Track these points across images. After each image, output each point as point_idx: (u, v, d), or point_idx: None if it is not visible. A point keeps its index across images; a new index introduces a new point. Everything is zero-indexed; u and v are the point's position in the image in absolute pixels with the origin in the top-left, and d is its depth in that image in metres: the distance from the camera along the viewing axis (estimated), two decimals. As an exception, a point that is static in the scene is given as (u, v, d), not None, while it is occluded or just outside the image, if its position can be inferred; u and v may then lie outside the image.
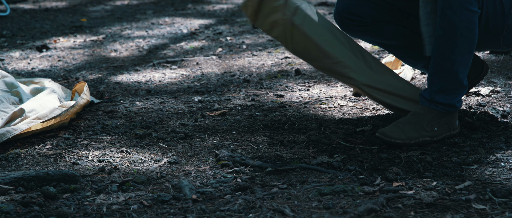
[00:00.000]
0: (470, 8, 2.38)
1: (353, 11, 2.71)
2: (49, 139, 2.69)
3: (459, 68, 2.45)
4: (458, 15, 2.38)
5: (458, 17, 2.39)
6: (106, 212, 1.99)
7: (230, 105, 3.12)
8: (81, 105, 2.90)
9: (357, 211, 1.92)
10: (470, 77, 2.82)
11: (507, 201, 1.97)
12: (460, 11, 2.38)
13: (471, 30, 2.41)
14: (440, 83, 2.47)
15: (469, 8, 2.38)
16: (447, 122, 2.51)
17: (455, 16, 2.39)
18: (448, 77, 2.46)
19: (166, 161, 2.42)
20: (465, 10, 2.38)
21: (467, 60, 2.45)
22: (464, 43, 2.41)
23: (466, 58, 2.45)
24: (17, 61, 4.27)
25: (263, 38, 4.71)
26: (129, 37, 4.96)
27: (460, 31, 2.40)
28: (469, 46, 2.43)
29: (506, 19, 2.48)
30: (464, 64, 2.45)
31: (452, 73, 2.45)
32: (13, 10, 6.33)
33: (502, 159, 2.33)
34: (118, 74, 3.84)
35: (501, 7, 2.46)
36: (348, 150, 2.48)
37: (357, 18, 2.72)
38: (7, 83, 3.08)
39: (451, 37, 2.41)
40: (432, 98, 2.49)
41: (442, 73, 2.46)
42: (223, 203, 2.05)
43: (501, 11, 2.46)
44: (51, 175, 2.21)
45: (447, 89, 2.48)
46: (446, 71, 2.45)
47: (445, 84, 2.47)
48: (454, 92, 2.48)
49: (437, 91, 2.48)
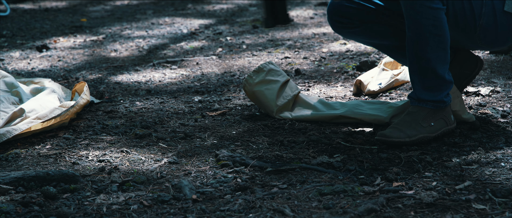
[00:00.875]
0: (433, 6, 2.40)
1: (341, 13, 2.74)
2: (49, 139, 2.69)
3: (436, 65, 2.46)
4: (422, 14, 2.41)
5: (422, 16, 2.41)
6: (106, 212, 1.99)
7: (230, 105, 3.12)
8: (81, 105, 2.90)
9: (357, 211, 1.92)
10: (465, 73, 2.82)
11: (507, 201, 1.97)
12: (423, 10, 2.40)
13: (438, 27, 2.43)
14: (421, 82, 2.50)
15: (432, 6, 2.40)
16: (443, 117, 2.52)
17: (420, 16, 2.41)
18: (427, 75, 2.48)
19: (166, 161, 2.42)
20: (428, 8, 2.40)
21: (442, 56, 2.47)
22: (434, 40, 2.43)
23: (441, 55, 2.46)
24: (17, 61, 4.27)
25: (263, 38, 4.71)
26: (129, 37, 4.96)
27: (427, 29, 2.42)
28: (441, 43, 2.45)
29: (478, 19, 2.49)
30: (441, 61, 2.47)
31: (430, 71, 2.47)
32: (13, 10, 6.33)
33: (502, 159, 2.33)
34: (118, 74, 3.84)
35: (470, 6, 2.48)
36: (348, 150, 2.48)
37: (345, 20, 2.75)
38: (7, 83, 3.08)
39: (420, 36, 2.43)
40: (419, 97, 2.51)
41: (421, 72, 2.49)
42: (223, 203, 2.05)
43: (470, 10, 2.48)
44: (51, 175, 2.21)
45: (430, 86, 2.50)
46: (424, 70, 2.48)
47: (427, 82, 2.49)
48: (439, 88, 2.50)
49: (421, 90, 2.51)
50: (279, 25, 2.84)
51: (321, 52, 4.17)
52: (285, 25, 4.16)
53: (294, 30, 4.96)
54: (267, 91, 2.89)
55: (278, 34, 4.83)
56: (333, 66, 3.78)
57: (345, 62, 3.85)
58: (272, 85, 2.90)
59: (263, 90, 2.89)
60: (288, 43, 4.49)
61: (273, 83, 2.91)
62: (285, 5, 2.74)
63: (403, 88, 3.26)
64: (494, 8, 2.48)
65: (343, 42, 4.39)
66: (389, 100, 3.09)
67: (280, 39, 4.67)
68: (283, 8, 2.73)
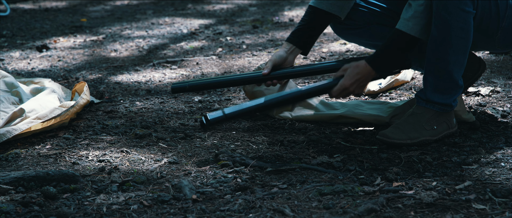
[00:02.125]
0: (465, 9, 2.38)
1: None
2: (49, 139, 2.69)
3: (453, 68, 2.44)
4: (453, 16, 2.38)
5: (453, 18, 2.38)
6: (106, 212, 1.99)
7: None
8: (81, 105, 2.90)
9: (357, 211, 1.92)
10: (468, 75, 2.82)
11: (507, 201, 1.97)
12: (455, 12, 2.38)
13: (466, 31, 2.40)
14: (435, 84, 2.48)
15: (464, 8, 2.38)
16: (445, 121, 2.51)
17: (450, 17, 2.38)
18: (443, 77, 2.46)
19: (166, 161, 2.42)
20: (461, 10, 2.38)
21: (461, 60, 2.45)
22: (458, 44, 2.41)
23: (461, 59, 2.45)
24: (17, 61, 4.27)
25: (263, 38, 4.71)
26: (129, 37, 4.96)
27: (455, 32, 2.40)
28: (463, 47, 2.43)
29: (501, 22, 2.47)
30: (459, 65, 2.45)
31: (447, 73, 2.45)
32: (13, 10, 6.33)
33: (502, 159, 2.33)
34: (118, 74, 3.84)
35: (497, 9, 2.45)
36: (348, 150, 2.48)
37: (348, 22, 2.73)
38: (7, 83, 3.07)
39: (446, 37, 2.41)
40: (428, 98, 2.49)
41: (437, 74, 2.47)
42: (223, 203, 2.05)
43: (496, 13, 2.46)
44: (51, 175, 2.21)
45: (443, 89, 2.48)
46: (441, 71, 2.46)
47: (440, 84, 2.47)
48: (450, 92, 2.49)
49: (432, 91, 2.49)
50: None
51: (321, 52, 4.17)
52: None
53: (294, 30, 4.95)
54: (267, 91, 2.89)
55: (278, 34, 4.84)
56: (333, 66, 3.78)
57: (345, 62, 3.85)
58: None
59: (263, 90, 2.90)
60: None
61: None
62: None
63: (403, 88, 3.26)
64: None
65: (343, 42, 4.39)
66: (389, 100, 3.09)
67: (280, 39, 4.67)
68: None
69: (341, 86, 2.52)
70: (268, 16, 5.62)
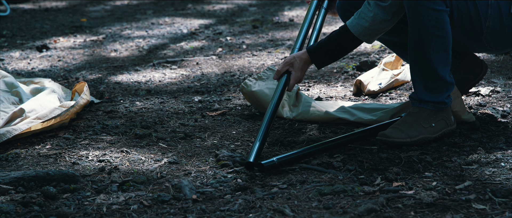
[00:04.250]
0: (436, 8, 2.39)
1: (356, 4, 2.69)
2: (49, 139, 2.69)
3: (437, 66, 2.45)
4: (424, 16, 2.39)
5: (425, 18, 2.40)
6: (106, 212, 1.99)
7: (230, 105, 3.12)
8: (81, 105, 2.90)
9: (357, 211, 1.92)
10: (470, 77, 2.82)
11: (507, 201, 1.97)
12: (426, 11, 2.39)
13: (440, 29, 2.41)
14: (422, 83, 2.49)
15: (435, 8, 2.39)
16: (443, 118, 2.52)
17: (422, 17, 2.40)
18: (428, 76, 2.47)
19: (166, 161, 2.42)
20: (430, 10, 2.39)
21: (444, 58, 2.45)
22: (436, 42, 2.42)
23: (443, 56, 2.45)
24: (17, 61, 4.27)
25: (263, 38, 4.71)
26: (129, 37, 4.96)
27: (429, 30, 2.41)
28: (443, 45, 2.43)
29: (484, 21, 2.47)
30: (442, 62, 2.46)
31: (431, 72, 2.46)
32: (13, 10, 6.33)
33: (502, 159, 2.33)
34: (118, 74, 3.84)
35: (475, 8, 2.45)
36: (348, 150, 2.48)
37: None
38: (7, 83, 3.08)
39: (422, 37, 2.42)
40: (420, 98, 2.50)
41: (422, 73, 2.48)
42: (223, 203, 2.05)
43: (475, 12, 2.46)
44: (51, 175, 2.21)
45: (432, 88, 2.49)
46: (426, 70, 2.46)
47: (429, 83, 2.48)
48: (440, 90, 2.49)
49: (422, 91, 2.50)
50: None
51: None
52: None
53: (294, 30, 4.96)
54: (268, 90, 2.89)
55: (278, 34, 4.84)
56: (333, 66, 3.78)
57: (345, 62, 3.85)
58: (272, 85, 2.90)
59: (263, 89, 2.90)
60: (288, 43, 4.49)
61: (272, 84, 2.91)
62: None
63: (403, 88, 3.26)
64: (500, 10, 2.46)
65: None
66: (389, 100, 3.09)
67: (280, 39, 4.67)
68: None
69: (278, 70, 2.60)
70: (268, 16, 5.62)
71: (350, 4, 2.70)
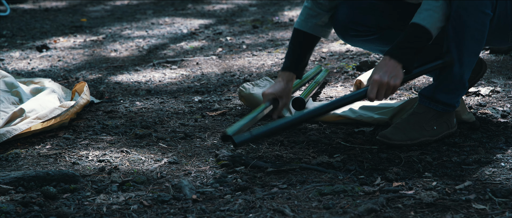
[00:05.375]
0: (485, 11, 2.37)
1: (359, 21, 2.67)
2: (49, 139, 2.69)
3: (465, 70, 2.44)
4: (472, 17, 2.36)
5: (471, 19, 2.37)
6: (106, 212, 1.99)
7: (230, 105, 3.12)
8: (81, 105, 2.90)
9: (357, 211, 1.92)
10: (470, 76, 2.82)
11: (507, 201, 1.97)
12: (475, 12, 2.36)
13: (482, 33, 2.39)
14: (444, 83, 2.46)
15: (484, 10, 2.37)
16: (446, 121, 2.51)
17: (469, 18, 2.36)
18: (454, 78, 2.45)
19: (166, 161, 2.42)
20: (480, 12, 2.36)
21: (473, 62, 2.44)
22: (473, 45, 2.40)
23: (473, 61, 2.44)
24: (17, 61, 4.27)
25: (263, 38, 4.71)
26: (129, 37, 4.96)
27: (471, 32, 2.38)
28: (477, 49, 2.42)
29: None
30: (470, 66, 2.45)
31: (458, 74, 2.44)
32: (13, 10, 6.33)
33: (502, 159, 2.33)
34: (118, 74, 3.85)
35: (511, 6, 2.46)
36: (348, 150, 2.48)
37: (362, 28, 2.68)
38: (7, 83, 3.08)
39: (462, 38, 2.39)
40: (433, 97, 2.48)
41: (448, 74, 2.45)
42: (223, 203, 2.05)
43: (511, 10, 2.46)
44: (51, 175, 2.21)
45: (450, 89, 2.47)
46: (453, 72, 2.44)
47: (449, 84, 2.46)
48: (456, 92, 2.48)
49: (440, 90, 2.47)
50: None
51: (321, 52, 4.17)
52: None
53: (294, 30, 4.95)
54: None
55: (278, 34, 4.84)
56: (333, 66, 3.78)
57: (345, 62, 3.85)
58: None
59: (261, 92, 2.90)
60: (288, 43, 4.49)
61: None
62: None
63: (403, 88, 3.26)
64: None
65: (343, 42, 4.39)
66: (389, 100, 3.09)
67: (280, 39, 4.67)
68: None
69: (373, 82, 2.38)
70: (268, 16, 5.62)
71: (353, 22, 2.67)
